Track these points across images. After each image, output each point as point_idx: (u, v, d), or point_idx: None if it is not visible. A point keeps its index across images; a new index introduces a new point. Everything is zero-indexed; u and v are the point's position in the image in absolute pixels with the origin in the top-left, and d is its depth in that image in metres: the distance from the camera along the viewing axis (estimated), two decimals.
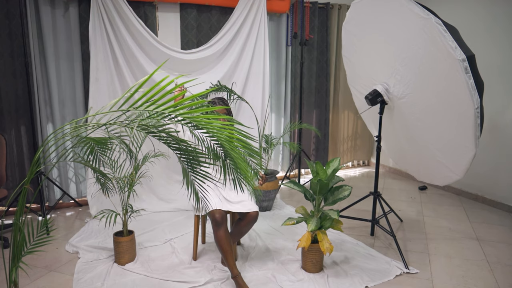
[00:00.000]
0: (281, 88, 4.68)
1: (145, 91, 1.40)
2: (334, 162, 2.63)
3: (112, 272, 2.54)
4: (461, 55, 2.19)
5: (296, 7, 4.53)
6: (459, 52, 2.20)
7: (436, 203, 4.00)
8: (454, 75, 2.27)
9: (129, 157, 2.56)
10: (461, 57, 2.19)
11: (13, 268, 1.59)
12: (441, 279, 2.50)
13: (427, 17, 2.31)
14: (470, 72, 2.22)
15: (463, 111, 2.35)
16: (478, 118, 2.30)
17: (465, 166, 2.57)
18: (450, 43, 2.21)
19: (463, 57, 2.19)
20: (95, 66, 3.53)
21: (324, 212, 2.53)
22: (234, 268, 2.33)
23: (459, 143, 2.52)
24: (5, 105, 3.45)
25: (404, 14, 2.49)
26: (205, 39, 4.02)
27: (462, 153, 2.54)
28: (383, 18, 2.73)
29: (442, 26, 2.26)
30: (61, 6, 3.55)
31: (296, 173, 4.79)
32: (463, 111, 2.35)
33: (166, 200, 3.86)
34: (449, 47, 2.22)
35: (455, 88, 2.32)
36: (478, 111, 2.28)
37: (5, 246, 2.86)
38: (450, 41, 2.22)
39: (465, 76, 2.21)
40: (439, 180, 2.91)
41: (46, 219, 1.85)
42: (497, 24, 3.72)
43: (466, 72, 2.21)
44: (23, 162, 3.58)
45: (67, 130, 1.96)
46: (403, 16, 2.51)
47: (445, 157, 2.70)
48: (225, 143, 1.47)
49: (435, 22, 2.26)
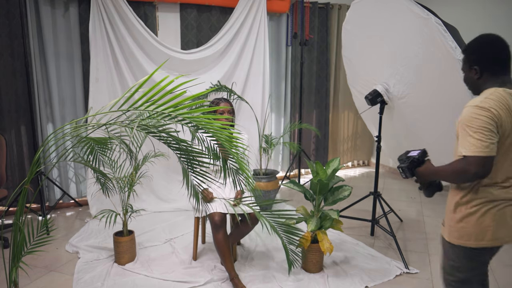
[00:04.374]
0: (281, 88, 4.68)
1: (145, 91, 1.40)
2: (334, 162, 2.63)
3: (112, 272, 2.54)
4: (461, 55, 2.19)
5: (296, 7, 4.53)
6: (459, 52, 2.19)
7: (436, 203, 4.00)
8: (454, 75, 2.26)
9: (129, 157, 2.56)
10: (460, 57, 2.18)
11: (13, 268, 1.59)
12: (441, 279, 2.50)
13: (427, 17, 2.30)
14: None
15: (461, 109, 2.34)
16: None
17: None
18: (450, 43, 2.21)
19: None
20: (95, 66, 3.53)
21: (324, 212, 2.53)
22: (232, 270, 2.37)
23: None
24: (5, 105, 3.45)
25: (403, 14, 2.49)
26: (205, 39, 4.02)
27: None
28: (383, 18, 2.72)
29: (442, 26, 2.25)
30: (61, 6, 3.54)
31: (296, 173, 4.79)
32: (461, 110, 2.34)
33: (166, 200, 3.86)
34: (449, 47, 2.21)
35: (455, 88, 2.32)
36: None
37: (5, 246, 2.86)
38: (450, 41, 2.21)
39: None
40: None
41: (46, 219, 1.85)
42: (497, 25, 3.72)
43: None
44: (23, 162, 3.58)
45: (67, 130, 1.96)
46: (403, 16, 2.51)
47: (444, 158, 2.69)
48: (225, 143, 1.47)
49: (435, 22, 2.26)
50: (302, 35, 4.45)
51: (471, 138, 1.42)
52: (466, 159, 1.43)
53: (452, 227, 1.58)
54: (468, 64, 1.60)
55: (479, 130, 1.41)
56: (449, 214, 1.62)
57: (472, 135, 1.42)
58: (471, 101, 1.49)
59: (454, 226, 1.57)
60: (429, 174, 1.65)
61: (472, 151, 1.41)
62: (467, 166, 1.43)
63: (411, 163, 1.70)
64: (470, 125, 1.44)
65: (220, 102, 2.66)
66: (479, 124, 1.42)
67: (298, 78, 4.61)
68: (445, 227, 1.64)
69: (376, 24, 2.83)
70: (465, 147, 1.44)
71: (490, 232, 1.52)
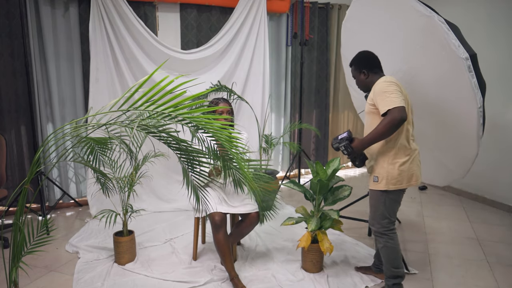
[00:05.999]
0: (281, 88, 4.68)
1: (145, 91, 1.40)
2: (334, 162, 2.63)
3: (112, 272, 2.54)
4: (464, 53, 2.18)
5: (296, 7, 4.53)
6: (462, 50, 2.18)
7: (436, 203, 4.00)
8: (457, 73, 2.25)
9: (129, 157, 2.56)
10: (464, 56, 2.18)
11: (13, 268, 1.59)
12: (441, 279, 2.50)
13: (430, 15, 2.28)
14: (473, 71, 2.20)
15: (465, 110, 2.33)
16: (481, 117, 2.29)
17: (467, 166, 2.56)
18: (453, 41, 2.19)
19: (466, 55, 2.18)
20: (95, 66, 3.52)
21: (324, 212, 2.53)
22: (232, 270, 2.37)
23: (461, 142, 2.51)
24: (5, 105, 3.45)
25: (405, 12, 2.45)
26: (205, 39, 4.02)
27: (463, 153, 2.53)
28: (384, 16, 2.70)
29: (445, 24, 2.24)
30: (61, 6, 3.54)
31: (296, 173, 4.79)
32: (465, 110, 2.34)
33: (166, 200, 3.86)
34: (452, 45, 2.19)
35: (458, 87, 2.31)
36: (481, 110, 2.27)
37: (5, 246, 2.86)
38: (453, 39, 2.20)
39: (468, 75, 2.19)
40: (439, 180, 2.89)
41: (46, 219, 1.85)
42: (497, 24, 3.72)
43: (469, 71, 2.19)
44: (23, 162, 3.58)
45: (67, 130, 1.96)
46: (405, 14, 2.48)
47: (446, 157, 2.69)
48: (225, 143, 1.47)
49: (438, 20, 2.24)
50: (302, 35, 4.45)
51: (390, 98, 1.97)
52: (392, 111, 1.94)
53: (390, 176, 2.11)
54: (358, 71, 2.26)
55: (394, 92, 1.98)
56: (385, 168, 2.12)
57: (390, 96, 1.97)
58: (378, 81, 2.10)
59: (391, 175, 2.10)
60: (364, 144, 2.09)
61: (395, 104, 1.94)
62: (395, 115, 1.93)
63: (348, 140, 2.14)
64: (386, 91, 1.99)
65: (219, 102, 2.66)
66: (393, 89, 2.00)
67: (298, 78, 4.61)
68: (379, 181, 2.14)
69: (376, 23, 2.80)
70: (387, 104, 1.96)
71: (415, 175, 2.15)
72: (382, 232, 2.18)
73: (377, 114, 2.10)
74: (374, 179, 2.18)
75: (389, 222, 2.18)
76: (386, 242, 2.18)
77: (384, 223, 2.18)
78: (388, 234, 2.18)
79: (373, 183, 2.20)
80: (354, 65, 2.30)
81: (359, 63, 2.27)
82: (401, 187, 2.13)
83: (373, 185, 2.20)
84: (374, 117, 2.13)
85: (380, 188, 2.15)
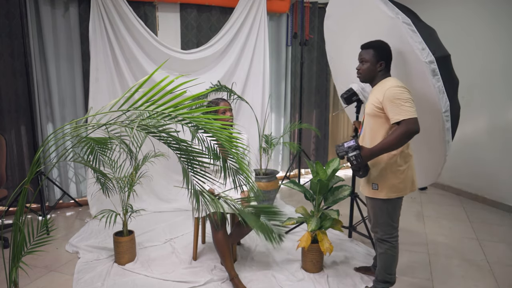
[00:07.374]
0: (281, 88, 4.68)
1: (145, 91, 1.40)
2: (334, 162, 2.63)
3: (112, 272, 2.54)
4: (428, 57, 2.04)
5: (296, 7, 4.53)
6: (426, 53, 2.04)
7: (436, 203, 4.00)
8: (424, 77, 2.13)
9: (129, 157, 2.56)
10: (428, 59, 2.04)
11: (13, 268, 1.59)
12: (441, 279, 2.50)
13: (394, 16, 2.13)
14: (438, 75, 2.07)
15: (434, 114, 2.21)
16: (448, 122, 2.16)
17: (437, 171, 2.48)
18: (417, 45, 2.05)
19: (430, 58, 2.04)
20: (95, 66, 3.53)
21: (324, 212, 2.53)
22: (232, 270, 2.37)
23: (432, 147, 2.40)
24: (5, 105, 3.45)
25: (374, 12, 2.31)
26: (205, 39, 4.02)
27: (433, 157, 2.44)
28: (359, 15, 2.55)
29: (411, 26, 2.08)
30: (61, 6, 3.55)
31: (296, 173, 4.79)
32: (434, 114, 2.21)
33: (166, 200, 3.86)
34: (416, 48, 2.07)
35: (426, 91, 2.18)
36: (447, 114, 2.14)
37: (5, 246, 2.86)
38: (417, 42, 2.05)
39: (432, 79, 2.07)
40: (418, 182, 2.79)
41: (46, 219, 1.85)
42: (497, 25, 3.72)
43: (434, 75, 2.07)
44: (23, 162, 3.58)
45: (67, 130, 1.96)
46: (374, 14, 2.33)
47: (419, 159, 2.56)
48: (225, 143, 1.47)
49: (402, 22, 2.09)
50: (302, 35, 4.45)
51: (405, 107, 1.86)
52: (406, 122, 1.85)
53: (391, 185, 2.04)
54: (377, 58, 2.06)
55: (408, 101, 1.88)
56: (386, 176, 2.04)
57: (404, 104, 1.87)
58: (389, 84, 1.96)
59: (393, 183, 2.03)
60: (373, 154, 1.96)
61: (410, 115, 1.85)
62: (410, 126, 1.84)
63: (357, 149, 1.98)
64: (400, 98, 1.88)
65: (219, 102, 2.67)
66: (406, 96, 1.89)
67: (298, 78, 4.61)
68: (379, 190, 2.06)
69: (353, 21, 2.65)
70: (401, 114, 1.86)
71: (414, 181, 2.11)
72: (385, 238, 2.12)
73: (384, 118, 1.99)
74: (374, 187, 2.09)
75: (393, 228, 2.12)
76: (388, 249, 2.13)
77: (388, 230, 2.12)
78: (391, 241, 2.12)
79: (372, 191, 2.10)
80: (375, 51, 2.06)
81: (382, 52, 2.06)
82: (402, 194, 2.07)
83: (372, 193, 2.11)
84: (378, 121, 2.02)
85: (381, 197, 2.07)
